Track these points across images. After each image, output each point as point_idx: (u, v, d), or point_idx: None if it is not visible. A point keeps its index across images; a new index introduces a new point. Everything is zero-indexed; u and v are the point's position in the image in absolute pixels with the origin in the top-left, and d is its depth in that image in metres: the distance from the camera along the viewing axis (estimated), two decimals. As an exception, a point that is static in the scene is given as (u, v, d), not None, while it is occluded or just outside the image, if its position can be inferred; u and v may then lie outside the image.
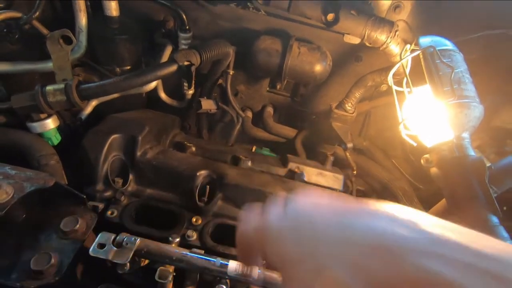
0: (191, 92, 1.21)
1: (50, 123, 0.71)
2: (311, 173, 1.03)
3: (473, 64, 0.73)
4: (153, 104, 1.21)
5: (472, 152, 0.58)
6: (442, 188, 0.63)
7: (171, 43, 1.08)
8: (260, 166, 1.01)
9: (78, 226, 0.60)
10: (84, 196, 0.64)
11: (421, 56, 0.67)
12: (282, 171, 1.02)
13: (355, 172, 1.19)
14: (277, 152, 1.28)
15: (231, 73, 1.18)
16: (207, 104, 1.24)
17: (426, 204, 1.12)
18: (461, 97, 0.59)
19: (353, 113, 1.08)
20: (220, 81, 1.27)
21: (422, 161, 0.66)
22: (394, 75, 0.77)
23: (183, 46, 1.01)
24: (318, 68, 1.06)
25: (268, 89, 1.34)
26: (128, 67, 1.03)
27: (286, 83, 1.29)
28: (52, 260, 0.54)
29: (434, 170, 0.63)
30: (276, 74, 1.13)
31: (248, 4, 1.00)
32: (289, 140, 1.34)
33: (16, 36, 0.72)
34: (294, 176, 1.00)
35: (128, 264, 0.58)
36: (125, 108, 1.00)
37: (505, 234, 0.51)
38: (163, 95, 1.22)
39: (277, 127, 1.34)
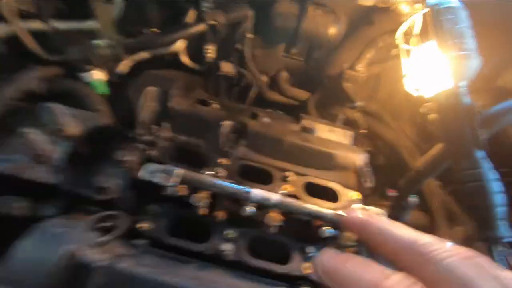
0: (210, 55, 1.30)
1: (98, 74, 0.83)
2: (322, 129, 1.14)
3: (483, 26, 0.79)
4: (176, 67, 1.31)
5: (466, 100, 0.67)
6: (438, 131, 0.72)
7: (194, 5, 1.16)
8: (276, 122, 1.11)
9: (130, 158, 0.73)
10: (131, 135, 0.77)
11: (428, 14, 0.74)
12: (296, 127, 1.13)
13: (364, 131, 1.28)
14: (290, 115, 1.38)
15: (249, 37, 1.25)
16: (226, 67, 1.33)
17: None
18: (461, 49, 0.67)
19: (363, 74, 1.15)
20: (238, 45, 1.35)
21: (422, 109, 0.75)
22: (403, 35, 0.84)
23: (205, 9, 1.09)
24: (332, 30, 1.12)
25: (283, 53, 1.42)
26: (156, 30, 1.12)
27: (300, 47, 1.37)
28: (114, 181, 0.67)
29: (432, 116, 0.72)
30: (292, 38, 1.20)
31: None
32: (302, 104, 1.43)
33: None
34: (306, 131, 1.10)
35: (172, 188, 0.71)
36: (153, 68, 1.10)
37: (488, 164, 0.61)
38: (185, 58, 1.31)
39: (291, 90, 1.43)
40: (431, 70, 0.74)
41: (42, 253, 0.53)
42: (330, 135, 1.15)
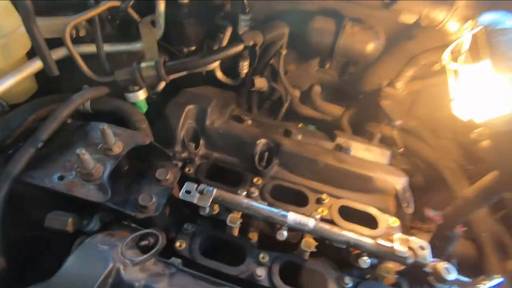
0: (245, 71, 1.32)
1: (142, 94, 0.87)
2: (358, 148, 1.10)
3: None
4: (210, 82, 1.34)
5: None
6: (492, 161, 0.67)
7: (231, 24, 1.18)
8: (309, 139, 1.10)
9: (168, 176, 0.75)
10: (171, 154, 0.79)
11: (481, 33, 0.69)
12: (330, 145, 1.10)
13: (401, 150, 1.22)
14: (322, 130, 1.35)
15: (283, 53, 1.25)
16: (260, 82, 1.34)
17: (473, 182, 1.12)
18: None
19: (403, 91, 1.10)
20: (272, 60, 1.36)
21: (472, 135, 0.70)
22: (450, 55, 0.80)
23: (244, 28, 1.11)
24: (370, 47, 1.09)
25: (317, 68, 1.40)
26: (194, 48, 1.16)
27: (335, 62, 1.35)
28: (153, 199, 0.69)
29: (485, 143, 0.66)
30: (327, 54, 1.18)
31: (305, -14, 1.05)
32: (335, 119, 1.40)
33: (117, 22, 0.87)
34: (341, 149, 1.07)
35: (207, 208, 0.72)
36: (189, 84, 1.13)
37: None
38: (219, 74, 1.34)
39: (324, 105, 1.41)
40: (484, 93, 0.69)
41: (88, 270, 0.55)
42: (366, 154, 1.10)
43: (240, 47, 0.90)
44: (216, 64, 1.14)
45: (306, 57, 1.38)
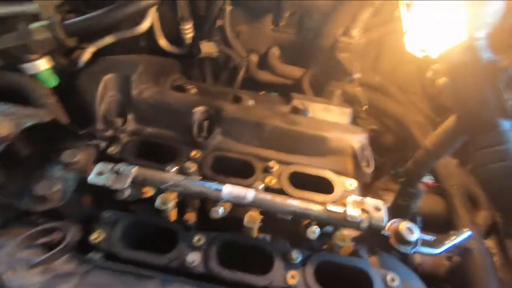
0: (189, 35, 1.16)
1: (43, 64, 0.72)
2: (316, 109, 0.99)
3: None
4: (155, 54, 1.18)
5: (487, 54, 0.51)
6: (450, 99, 0.57)
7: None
8: (262, 104, 0.98)
9: (78, 158, 0.62)
10: (81, 131, 0.66)
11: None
12: (285, 108, 0.99)
13: (365, 107, 1.13)
14: (286, 97, 1.24)
15: (228, 9, 1.11)
16: (208, 47, 1.20)
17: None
18: (476, -10, 0.50)
19: (360, 39, 0.99)
20: (220, 22, 1.21)
21: (428, 73, 0.60)
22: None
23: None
24: (321, -8, 0.96)
25: (271, 27, 1.26)
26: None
27: (289, 18, 1.21)
28: (55, 187, 0.57)
29: (442, 80, 0.56)
30: (277, 6, 1.04)
31: None
32: (298, 82, 1.28)
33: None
34: (298, 112, 0.96)
35: (127, 190, 0.60)
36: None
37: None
38: (162, 41, 1.18)
39: (283, 68, 1.28)
40: (438, 22, 0.58)
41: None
42: (325, 115, 1.00)
43: (156, -3, 0.75)
44: (146, 25, 0.99)
45: (257, 15, 1.23)
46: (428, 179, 1.27)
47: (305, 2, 0.99)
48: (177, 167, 0.67)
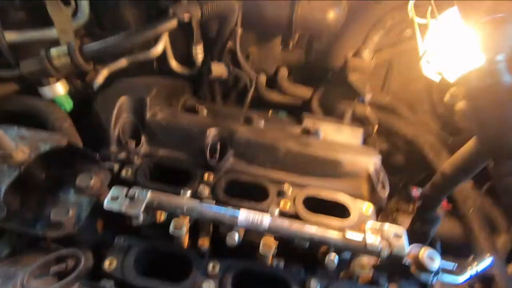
0: (200, 56, 1.18)
1: (60, 87, 0.73)
2: (328, 129, 0.99)
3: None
4: (165, 74, 1.20)
5: (508, 77, 0.50)
6: (469, 123, 0.56)
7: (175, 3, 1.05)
8: (273, 125, 0.98)
9: (92, 182, 0.61)
10: (96, 154, 0.66)
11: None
12: (296, 129, 0.99)
13: (376, 127, 1.12)
14: (295, 115, 1.24)
15: (239, 32, 1.13)
16: (218, 69, 1.21)
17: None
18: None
19: (371, 61, 0.99)
20: (230, 44, 1.23)
21: (446, 97, 0.60)
22: (415, 6, 0.69)
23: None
24: (331, 15, 0.98)
25: (280, 48, 1.28)
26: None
27: (298, 39, 1.23)
28: (70, 213, 0.56)
29: (460, 104, 0.56)
30: (287, 28, 1.06)
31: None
32: (306, 103, 1.29)
33: (17, 2, 0.72)
34: (309, 133, 0.96)
35: (141, 216, 0.59)
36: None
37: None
38: (173, 63, 1.21)
39: (292, 87, 1.29)
40: (453, 46, 0.58)
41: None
42: (337, 135, 0.99)
43: (173, 22, 0.77)
44: (160, 49, 1.01)
45: (267, 37, 1.25)
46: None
47: (315, 22, 1.00)
48: (190, 191, 0.66)
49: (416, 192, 1.28)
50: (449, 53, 0.58)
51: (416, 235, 0.77)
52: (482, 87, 0.51)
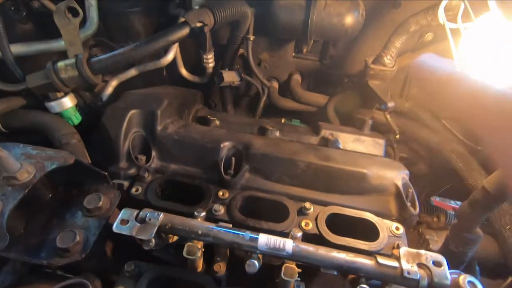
0: (211, 65, 1.15)
1: (68, 101, 0.70)
2: (347, 139, 0.93)
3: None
4: (176, 83, 1.17)
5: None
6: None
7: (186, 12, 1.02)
8: (289, 135, 0.93)
9: (101, 203, 0.58)
10: (106, 173, 0.62)
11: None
12: (314, 140, 0.93)
13: (397, 136, 1.06)
14: (308, 123, 1.19)
15: (251, 39, 1.09)
16: (229, 76, 1.17)
17: (486, 167, 0.96)
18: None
19: (393, 67, 0.94)
20: (242, 50, 1.19)
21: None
22: (444, 10, 0.63)
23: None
24: (348, 20, 0.93)
25: (293, 54, 1.24)
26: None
27: (313, 44, 1.18)
28: (77, 238, 0.52)
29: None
30: (301, 34, 1.01)
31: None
32: (321, 109, 1.23)
33: (24, 14, 0.70)
34: (327, 144, 0.90)
35: (153, 240, 0.55)
36: (147, 87, 0.96)
37: None
38: (183, 71, 1.17)
39: (306, 95, 1.24)
40: (493, 54, 0.52)
41: None
42: (358, 146, 0.94)
43: (185, 30, 0.73)
44: (170, 58, 0.97)
45: (279, 42, 1.21)
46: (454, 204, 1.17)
47: (333, 28, 0.95)
48: (204, 213, 0.61)
49: (436, 200, 1.21)
50: (486, 61, 0.52)
51: (451, 257, 0.70)
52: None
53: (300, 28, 0.98)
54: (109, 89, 0.92)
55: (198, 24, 0.74)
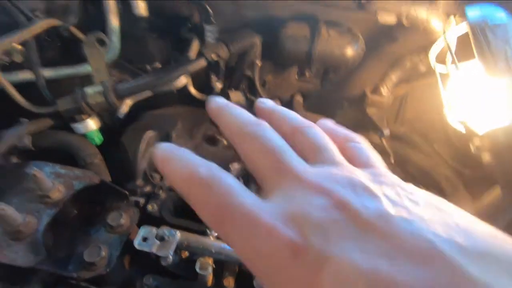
0: (219, 86, 1.22)
1: (92, 124, 0.75)
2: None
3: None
4: (183, 99, 1.24)
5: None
6: (496, 177, 0.57)
7: (198, 37, 1.09)
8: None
9: (123, 220, 0.63)
10: (127, 192, 0.67)
11: (469, 31, 0.60)
12: (315, 161, 1.00)
13: (392, 160, 1.13)
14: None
15: (259, 64, 1.16)
16: (236, 96, 1.24)
17: (472, 190, 1.04)
18: (518, 74, 0.53)
19: (389, 97, 1.02)
20: (248, 72, 1.27)
21: (471, 146, 0.61)
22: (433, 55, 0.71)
23: (209, 39, 1.01)
24: (349, 51, 1.01)
25: (296, 77, 1.31)
26: (158, 64, 1.06)
27: (315, 69, 1.26)
28: (103, 253, 0.57)
29: (486, 156, 0.57)
30: (305, 62, 1.09)
31: (274, -9, 0.97)
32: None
33: (59, 44, 0.76)
34: (327, 165, 0.97)
35: (170, 256, 0.60)
36: (159, 104, 1.03)
37: None
38: (193, 90, 1.24)
39: (307, 115, 1.31)
40: (480, 98, 0.60)
41: None
42: (355, 169, 1.01)
43: (201, 63, 0.80)
44: (184, 81, 1.04)
45: (283, 66, 1.29)
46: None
47: (334, 58, 1.03)
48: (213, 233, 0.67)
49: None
50: (473, 105, 0.60)
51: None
52: (509, 146, 0.52)
53: (304, 57, 1.06)
54: (125, 108, 0.98)
55: (214, 56, 0.81)
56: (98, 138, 0.77)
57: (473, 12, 0.60)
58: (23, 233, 0.54)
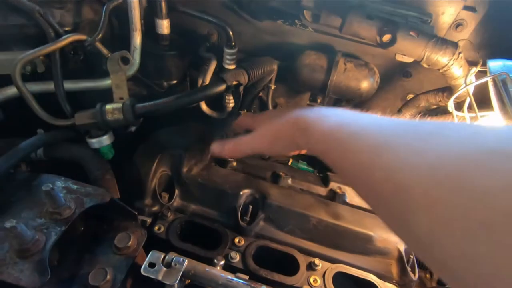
0: (231, 105, 1.22)
1: (107, 140, 0.75)
2: (354, 193, 0.99)
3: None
4: (195, 115, 1.24)
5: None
6: None
7: (215, 57, 1.10)
8: (300, 184, 0.99)
9: (130, 242, 0.62)
10: (136, 213, 0.66)
11: (490, 82, 0.61)
12: (322, 191, 0.99)
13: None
14: (314, 166, 1.25)
15: (272, 88, 1.17)
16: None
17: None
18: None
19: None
20: (260, 93, 1.28)
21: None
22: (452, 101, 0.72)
23: (228, 61, 1.03)
24: (365, 85, 1.02)
25: (308, 102, 1.32)
26: (175, 81, 1.07)
27: (327, 98, 1.27)
28: (108, 276, 0.56)
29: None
30: (319, 91, 1.10)
31: (296, 21, 0.99)
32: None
33: (81, 58, 0.77)
34: (335, 196, 0.96)
35: (176, 285, 0.59)
36: (170, 119, 1.03)
37: None
38: (204, 107, 1.25)
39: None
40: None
41: None
42: (363, 201, 1.00)
43: (221, 87, 0.81)
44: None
45: (297, 91, 1.30)
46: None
47: (349, 90, 1.04)
48: (223, 261, 0.66)
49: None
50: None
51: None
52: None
53: (319, 86, 1.07)
54: (136, 123, 0.98)
55: (234, 83, 0.82)
56: (110, 153, 0.77)
57: (496, 64, 0.61)
58: (30, 251, 0.53)
